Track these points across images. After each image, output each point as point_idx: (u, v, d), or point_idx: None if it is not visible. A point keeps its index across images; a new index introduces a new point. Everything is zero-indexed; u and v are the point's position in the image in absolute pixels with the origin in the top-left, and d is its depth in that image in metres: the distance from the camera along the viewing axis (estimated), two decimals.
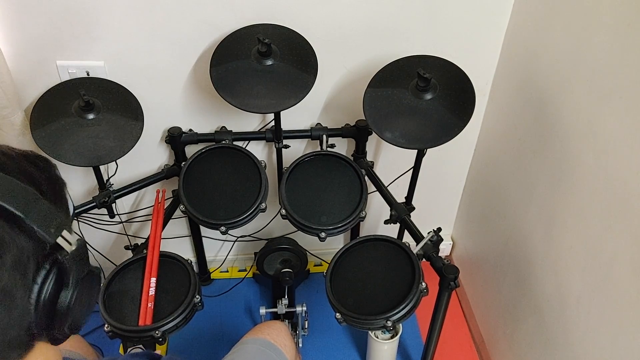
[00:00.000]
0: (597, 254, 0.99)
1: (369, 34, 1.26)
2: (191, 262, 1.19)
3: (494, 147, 1.44)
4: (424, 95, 1.15)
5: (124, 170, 1.40)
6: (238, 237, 1.66)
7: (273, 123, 1.31)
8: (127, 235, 1.56)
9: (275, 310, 1.50)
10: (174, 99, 1.33)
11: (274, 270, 1.54)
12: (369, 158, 1.48)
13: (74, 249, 0.52)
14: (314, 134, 1.39)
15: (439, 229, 1.21)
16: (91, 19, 1.16)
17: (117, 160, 1.27)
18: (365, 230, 1.70)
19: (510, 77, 1.31)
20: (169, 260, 1.19)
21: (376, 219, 1.68)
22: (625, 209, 0.90)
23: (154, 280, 1.14)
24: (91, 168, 1.25)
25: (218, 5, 1.18)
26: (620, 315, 0.94)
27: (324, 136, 1.37)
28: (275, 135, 1.33)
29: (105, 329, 1.07)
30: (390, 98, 1.18)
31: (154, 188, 1.44)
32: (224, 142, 1.32)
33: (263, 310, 1.50)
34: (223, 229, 1.19)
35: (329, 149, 1.36)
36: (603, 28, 0.94)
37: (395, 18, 1.24)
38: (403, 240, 1.19)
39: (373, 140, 1.44)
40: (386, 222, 1.35)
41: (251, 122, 1.42)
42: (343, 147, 1.48)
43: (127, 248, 1.40)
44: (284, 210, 1.21)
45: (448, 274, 1.14)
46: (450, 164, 1.59)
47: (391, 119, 1.17)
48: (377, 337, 1.41)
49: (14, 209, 0.47)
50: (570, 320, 1.09)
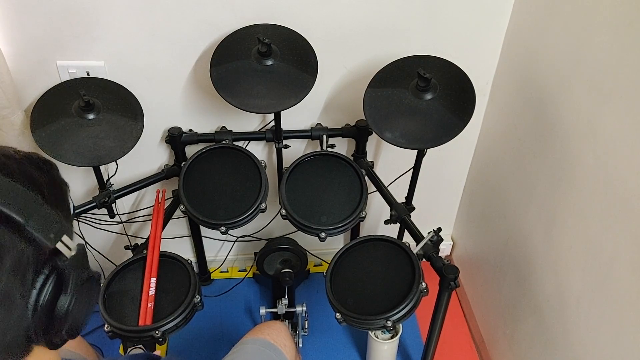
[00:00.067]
0: (597, 254, 0.99)
1: (369, 34, 1.26)
2: (191, 262, 1.19)
3: (494, 147, 1.44)
4: (424, 95, 1.15)
5: (124, 170, 1.40)
6: (238, 237, 1.66)
7: (273, 123, 1.31)
8: (127, 235, 1.56)
9: (275, 310, 1.50)
10: (174, 99, 1.33)
11: (274, 270, 1.54)
12: (369, 158, 1.48)
13: (73, 254, 0.52)
14: (314, 134, 1.39)
15: (439, 229, 1.21)
16: (91, 19, 1.16)
17: (117, 161, 1.27)
18: (365, 230, 1.70)
19: (510, 77, 1.31)
20: (169, 260, 1.19)
21: (376, 219, 1.68)
22: (625, 209, 0.90)
23: (154, 280, 1.14)
24: (91, 168, 1.25)
25: (218, 5, 1.18)
26: (620, 315, 0.94)
27: (324, 136, 1.37)
28: (276, 135, 1.33)
29: (105, 329, 1.07)
30: (391, 98, 1.18)
31: (154, 188, 1.44)
32: (224, 142, 1.32)
33: (263, 310, 1.50)
34: (223, 229, 1.19)
35: (329, 149, 1.36)
36: (603, 28, 0.94)
37: (395, 18, 1.24)
38: (403, 240, 1.19)
39: (373, 140, 1.44)
40: (386, 222, 1.35)
41: (251, 122, 1.42)
42: (343, 147, 1.48)
43: (127, 248, 1.40)
44: (284, 210, 1.21)
45: (448, 274, 1.14)
46: (450, 164, 1.59)
47: (391, 119, 1.17)
48: (377, 337, 1.41)
49: (15, 214, 0.47)
50: (570, 320, 1.09)
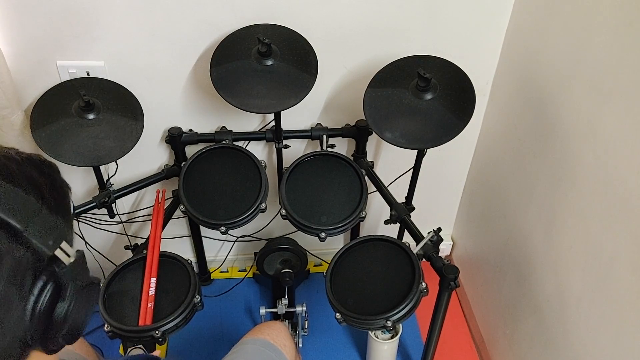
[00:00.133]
0: (597, 254, 0.99)
1: (369, 34, 1.26)
2: (191, 262, 1.18)
3: (494, 147, 1.44)
4: (424, 95, 1.15)
5: (124, 170, 1.40)
6: (238, 237, 1.66)
7: (273, 123, 1.31)
8: (127, 235, 1.56)
9: (275, 310, 1.50)
10: (174, 99, 1.33)
11: (274, 270, 1.54)
12: (369, 158, 1.48)
13: (72, 261, 0.51)
14: (314, 134, 1.39)
15: (439, 229, 1.21)
16: (91, 19, 1.16)
17: (117, 161, 1.27)
18: (365, 230, 1.70)
19: (510, 77, 1.31)
20: (169, 260, 1.19)
21: (376, 219, 1.68)
22: (625, 209, 0.90)
23: (154, 280, 1.14)
24: (91, 168, 1.25)
25: (218, 5, 1.18)
26: (620, 315, 0.94)
27: (324, 136, 1.37)
28: (276, 135, 1.33)
29: (105, 329, 1.07)
30: (391, 98, 1.18)
31: (154, 188, 1.44)
32: (224, 142, 1.32)
33: (263, 310, 1.50)
34: (223, 229, 1.19)
35: (329, 149, 1.36)
36: (603, 28, 0.94)
37: (395, 18, 1.24)
38: (403, 240, 1.19)
39: (373, 140, 1.44)
40: (386, 222, 1.35)
41: (251, 122, 1.42)
42: (343, 147, 1.48)
43: (127, 248, 1.40)
44: (284, 210, 1.21)
45: (448, 274, 1.14)
46: (450, 164, 1.59)
47: (391, 119, 1.17)
48: (377, 337, 1.41)
49: (14, 220, 0.46)
50: (570, 320, 1.09)
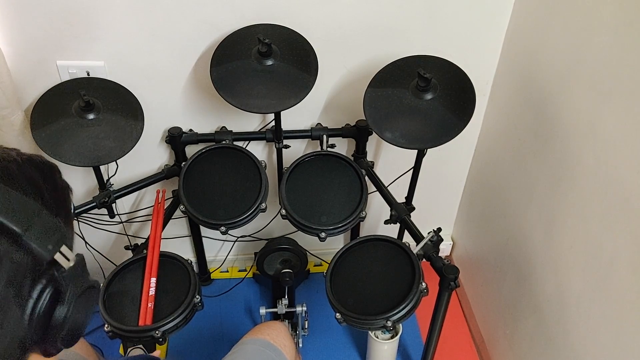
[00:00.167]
0: (597, 254, 0.99)
1: (369, 34, 1.26)
2: (191, 262, 1.19)
3: (494, 147, 1.44)
4: (424, 95, 1.15)
5: (124, 170, 1.40)
6: (238, 237, 1.66)
7: (273, 123, 1.31)
8: (127, 235, 1.56)
9: (275, 310, 1.50)
10: (174, 99, 1.33)
11: (274, 270, 1.54)
12: (369, 158, 1.48)
13: (71, 265, 0.51)
14: (314, 134, 1.39)
15: (439, 229, 1.21)
16: (91, 19, 1.16)
17: (118, 161, 1.27)
18: (365, 230, 1.70)
19: (510, 77, 1.31)
20: (169, 260, 1.19)
21: (376, 219, 1.68)
22: (625, 209, 0.90)
23: (154, 280, 1.14)
24: (91, 168, 1.25)
25: (218, 5, 1.18)
26: (620, 315, 0.94)
27: (324, 136, 1.37)
28: (276, 135, 1.33)
29: (105, 329, 1.07)
30: (391, 98, 1.18)
31: (154, 188, 1.44)
32: (224, 142, 1.32)
33: (263, 310, 1.50)
34: (223, 229, 1.19)
35: (329, 149, 1.36)
36: (603, 28, 0.94)
37: (395, 18, 1.24)
38: (403, 240, 1.19)
39: (373, 140, 1.44)
40: (386, 222, 1.35)
41: (251, 122, 1.42)
42: (343, 147, 1.48)
43: (127, 248, 1.40)
44: (284, 210, 1.21)
45: (448, 274, 1.14)
46: (450, 164, 1.59)
47: (391, 119, 1.17)
48: (377, 337, 1.41)
49: (13, 224, 0.46)
50: (571, 320, 1.09)
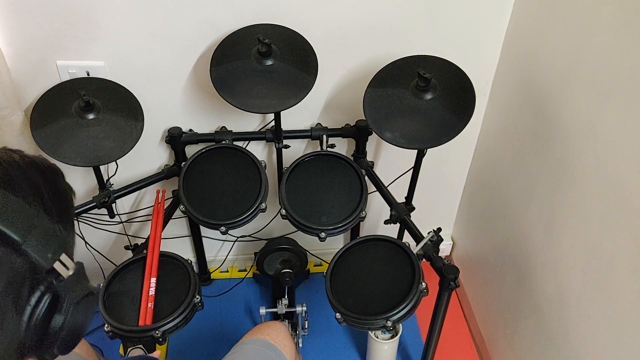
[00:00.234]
0: (597, 254, 0.99)
1: (369, 34, 1.26)
2: (191, 262, 1.19)
3: (494, 147, 1.44)
4: (424, 95, 1.15)
5: (124, 170, 1.40)
6: (238, 237, 1.66)
7: (273, 123, 1.31)
8: (127, 235, 1.56)
9: (275, 310, 1.50)
10: (174, 99, 1.33)
11: (274, 270, 1.54)
12: (369, 158, 1.48)
13: (70, 274, 0.51)
14: (314, 134, 1.39)
15: (439, 229, 1.21)
16: (91, 19, 1.16)
17: (117, 160, 1.27)
18: (365, 230, 1.70)
19: (510, 77, 1.31)
20: (169, 260, 1.19)
21: (376, 219, 1.68)
22: (625, 209, 0.90)
23: (154, 280, 1.14)
24: (91, 168, 1.25)
25: (218, 5, 1.18)
26: (620, 315, 0.94)
27: (324, 136, 1.37)
28: (276, 135, 1.33)
29: (105, 329, 1.07)
30: (391, 98, 1.18)
31: (154, 188, 1.44)
32: (224, 142, 1.32)
33: (263, 310, 1.50)
34: (223, 229, 1.19)
35: (329, 149, 1.36)
36: (603, 28, 0.94)
37: (395, 18, 1.24)
38: (403, 240, 1.19)
39: (373, 140, 1.44)
40: (386, 222, 1.35)
41: (251, 122, 1.42)
42: (343, 147, 1.48)
43: (127, 248, 1.40)
44: (284, 210, 1.21)
45: (448, 274, 1.14)
46: (450, 164, 1.59)
47: (391, 119, 1.17)
48: (377, 337, 1.41)
49: (12, 232, 0.46)
50: (571, 320, 1.09)
